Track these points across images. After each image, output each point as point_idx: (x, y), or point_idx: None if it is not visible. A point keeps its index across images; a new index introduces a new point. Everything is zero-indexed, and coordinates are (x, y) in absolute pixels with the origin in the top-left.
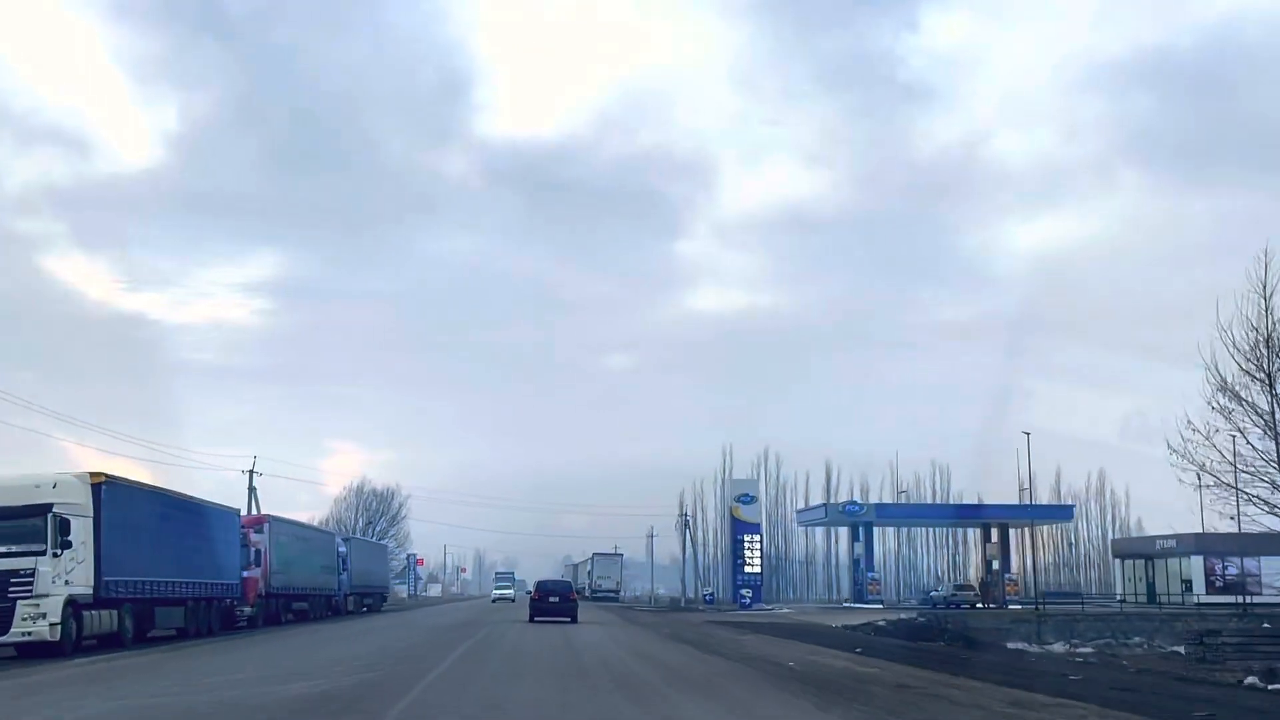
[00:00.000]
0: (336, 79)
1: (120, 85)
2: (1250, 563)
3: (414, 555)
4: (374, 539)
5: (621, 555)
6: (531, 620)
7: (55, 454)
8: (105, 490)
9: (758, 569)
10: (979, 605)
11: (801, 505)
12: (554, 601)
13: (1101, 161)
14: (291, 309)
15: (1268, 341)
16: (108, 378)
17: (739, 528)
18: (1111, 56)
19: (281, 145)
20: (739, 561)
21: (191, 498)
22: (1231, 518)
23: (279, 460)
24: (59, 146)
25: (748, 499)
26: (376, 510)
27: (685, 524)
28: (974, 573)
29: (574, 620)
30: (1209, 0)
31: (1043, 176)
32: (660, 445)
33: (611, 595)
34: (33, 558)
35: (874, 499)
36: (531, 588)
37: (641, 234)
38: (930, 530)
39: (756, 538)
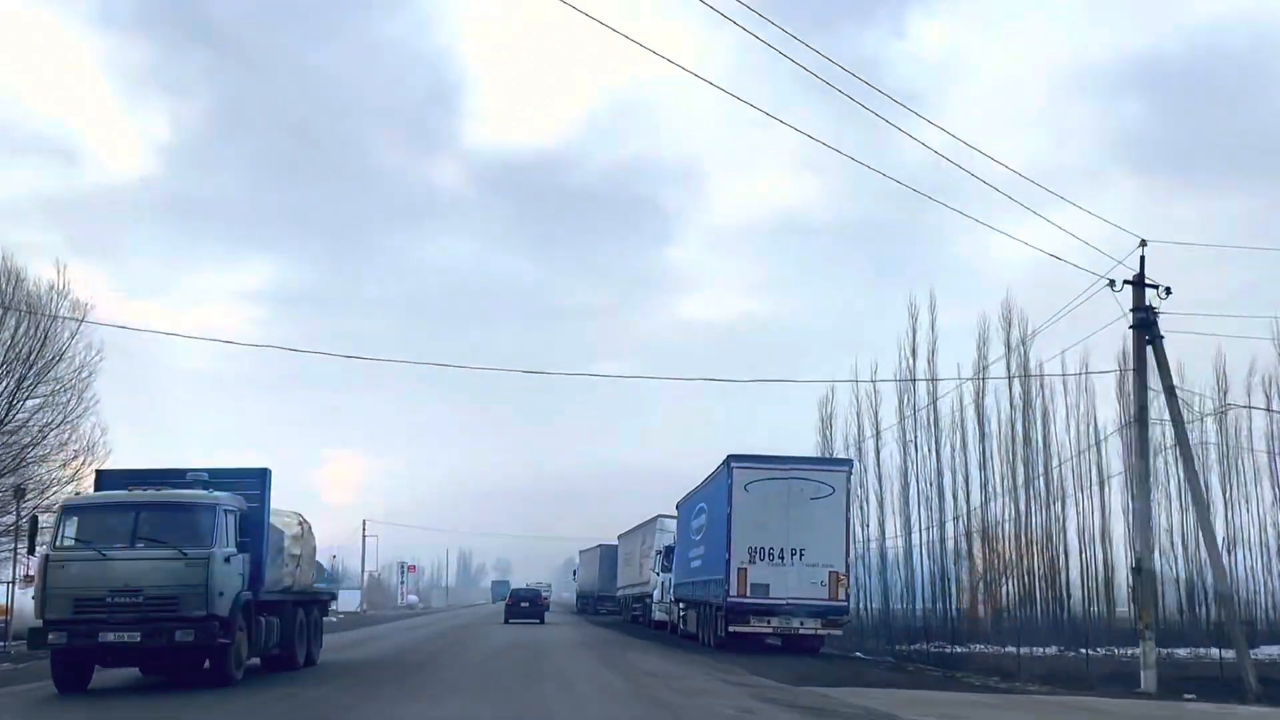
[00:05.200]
0: (327, 87)
1: (109, 94)
2: None
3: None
4: None
5: None
6: (506, 622)
7: None
8: None
9: None
10: None
11: None
12: (525, 606)
13: (1091, 167)
14: (284, 317)
15: None
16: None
17: None
18: (1099, 62)
19: (272, 153)
20: None
21: None
22: None
23: None
24: (49, 156)
25: None
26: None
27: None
28: None
29: (541, 621)
30: (1196, 6)
31: (1032, 182)
32: (658, 449)
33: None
34: None
35: None
36: (523, 593)
37: (633, 241)
38: None
39: None
